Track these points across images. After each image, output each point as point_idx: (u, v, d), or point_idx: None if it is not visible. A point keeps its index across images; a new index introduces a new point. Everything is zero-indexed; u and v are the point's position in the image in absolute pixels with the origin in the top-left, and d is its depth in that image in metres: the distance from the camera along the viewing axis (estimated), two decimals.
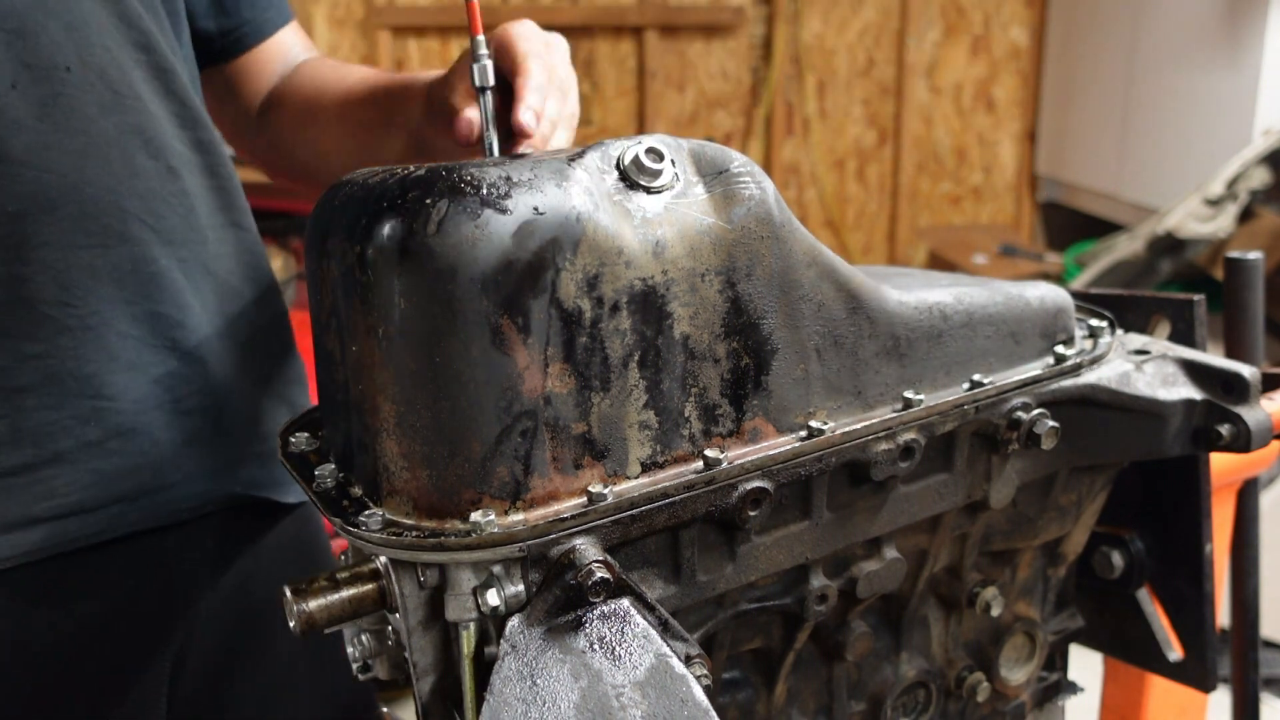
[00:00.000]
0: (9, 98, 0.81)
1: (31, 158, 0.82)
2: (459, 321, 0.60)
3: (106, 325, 0.87)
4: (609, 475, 0.67)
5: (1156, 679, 1.14)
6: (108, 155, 0.86)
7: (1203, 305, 1.00)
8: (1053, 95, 5.21)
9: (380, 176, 0.66)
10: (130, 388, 0.89)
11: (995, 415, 0.82)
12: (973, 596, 0.94)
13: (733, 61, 5.04)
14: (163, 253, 0.90)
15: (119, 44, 0.88)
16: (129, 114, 0.88)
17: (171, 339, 0.91)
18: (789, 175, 5.22)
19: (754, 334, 0.70)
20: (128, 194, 0.87)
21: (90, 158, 0.85)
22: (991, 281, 0.89)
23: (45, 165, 0.83)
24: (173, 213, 0.91)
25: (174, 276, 0.91)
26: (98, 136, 0.86)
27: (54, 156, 0.83)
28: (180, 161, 0.92)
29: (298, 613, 0.64)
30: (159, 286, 0.90)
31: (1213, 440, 0.88)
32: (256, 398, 1.00)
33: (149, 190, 0.89)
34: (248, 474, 0.99)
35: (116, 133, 0.87)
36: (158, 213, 0.90)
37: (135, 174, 0.88)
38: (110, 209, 0.86)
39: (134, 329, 0.89)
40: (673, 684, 0.60)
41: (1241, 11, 3.82)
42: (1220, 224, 3.30)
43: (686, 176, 0.69)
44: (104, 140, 0.86)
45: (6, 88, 0.81)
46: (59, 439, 0.86)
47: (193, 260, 0.93)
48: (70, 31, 0.84)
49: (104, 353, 0.87)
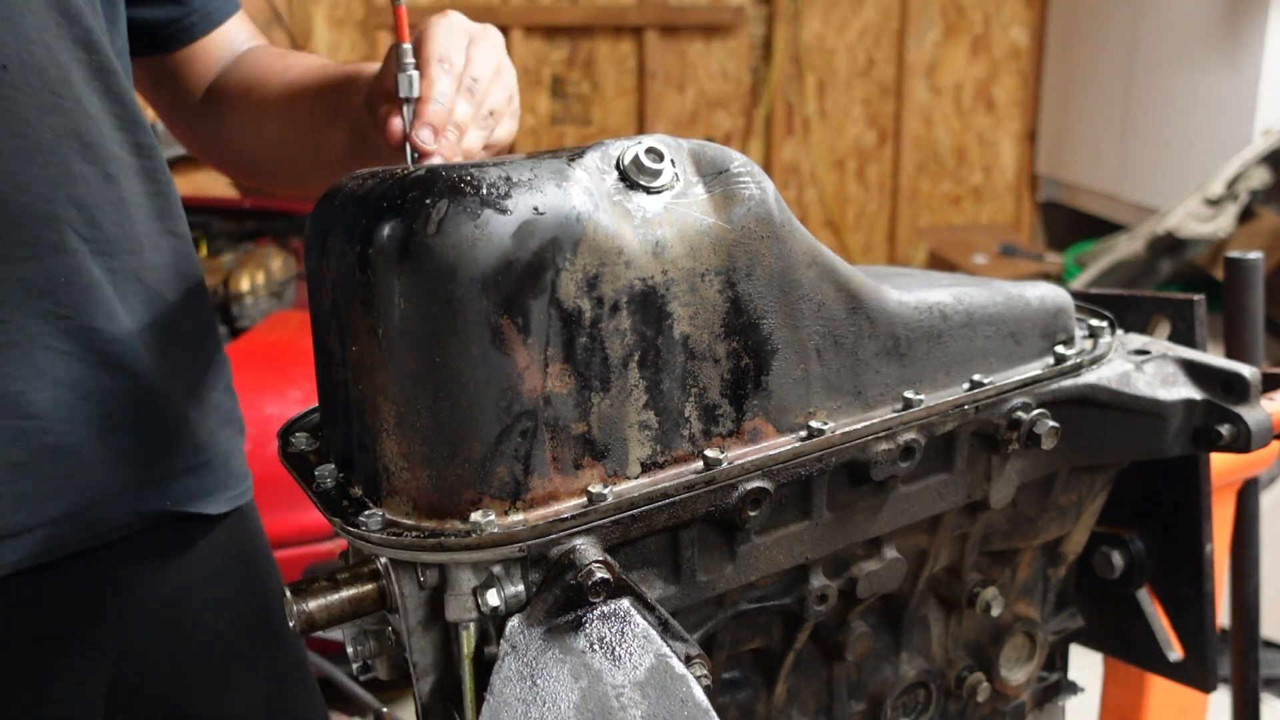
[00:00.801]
0: None
1: None
2: (459, 321, 0.60)
3: (34, 340, 0.83)
4: (609, 475, 0.67)
5: (1156, 679, 1.14)
6: (44, 160, 0.82)
7: (1203, 305, 1.00)
8: (1053, 95, 5.21)
9: (380, 177, 0.66)
10: (58, 405, 0.85)
11: (995, 415, 0.82)
12: (973, 596, 0.94)
13: (733, 61, 5.04)
14: (97, 263, 0.86)
15: (59, 41, 0.83)
16: (67, 116, 0.83)
17: (102, 353, 0.87)
18: (789, 175, 5.22)
19: (754, 334, 0.70)
20: (63, 201, 0.84)
21: (25, 162, 0.81)
22: (991, 281, 0.89)
23: None
24: (109, 220, 0.87)
25: (105, 288, 0.87)
26: (34, 140, 0.81)
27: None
28: (118, 167, 0.88)
29: (298, 613, 0.64)
30: (91, 299, 0.86)
31: (1213, 440, 0.88)
32: (186, 409, 0.97)
33: (85, 197, 0.85)
34: (179, 487, 0.96)
35: (54, 136, 0.83)
36: (94, 221, 0.86)
37: (72, 180, 0.84)
38: (45, 218, 0.82)
39: (63, 343, 0.85)
40: (673, 684, 0.60)
41: (1241, 11, 3.82)
42: (1220, 224, 3.30)
43: (686, 176, 0.69)
44: (40, 144, 0.82)
45: None
46: None
47: (125, 270, 0.89)
48: (9, 26, 0.79)
49: (31, 369, 0.83)
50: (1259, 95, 3.75)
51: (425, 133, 0.82)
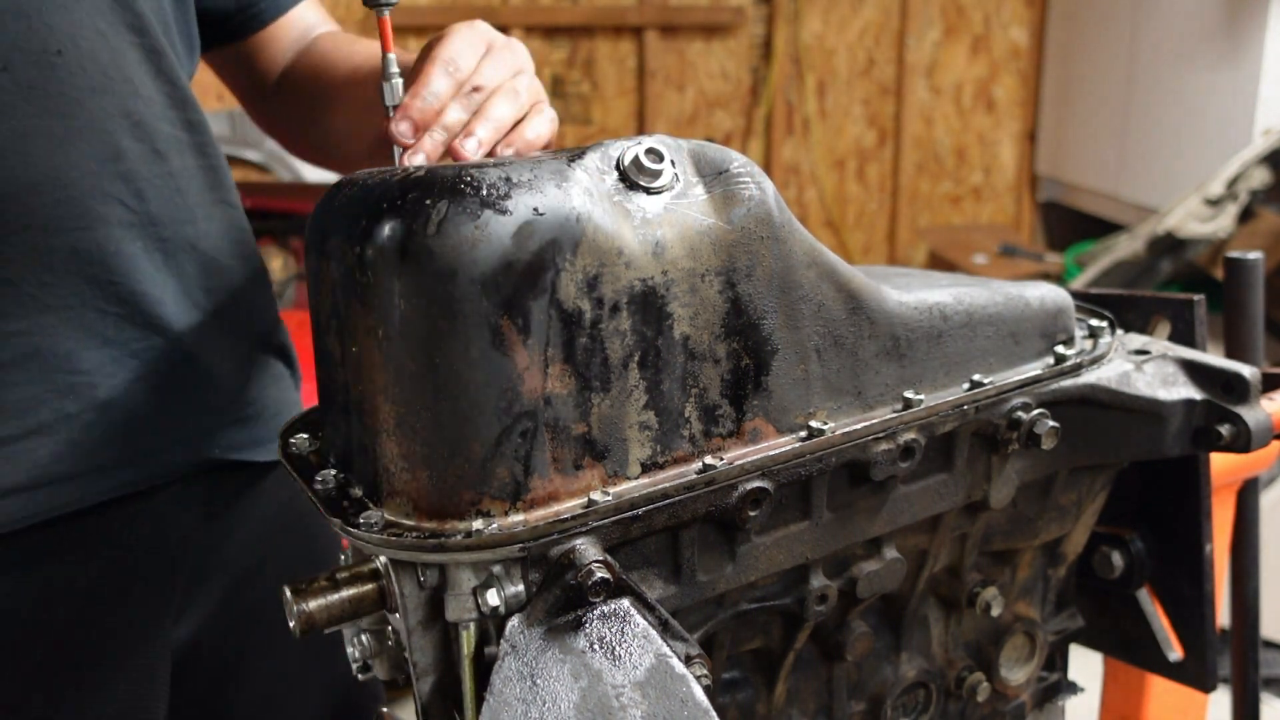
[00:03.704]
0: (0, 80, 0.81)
1: (17, 142, 0.83)
2: (459, 322, 0.60)
3: (85, 304, 0.89)
4: (609, 476, 0.67)
5: (1156, 679, 1.14)
6: (93, 139, 0.87)
7: (1203, 305, 1.00)
8: (1053, 95, 5.21)
9: (380, 177, 0.66)
10: (105, 363, 0.91)
11: (995, 415, 0.82)
12: (973, 596, 0.94)
13: (733, 61, 5.04)
14: (145, 233, 0.91)
15: (112, 25, 0.87)
16: (118, 96, 0.88)
17: (150, 314, 0.92)
18: (789, 175, 5.22)
19: (754, 334, 0.70)
20: (111, 177, 0.88)
21: (76, 142, 0.85)
22: (991, 282, 0.89)
23: (31, 149, 0.83)
24: (157, 194, 0.92)
25: (155, 255, 0.92)
26: (84, 120, 0.86)
27: (40, 140, 0.84)
28: (168, 143, 0.93)
29: (298, 613, 0.64)
30: (138, 266, 0.91)
31: (1213, 440, 0.88)
32: (235, 366, 1.02)
33: (133, 172, 0.90)
34: (225, 437, 1.01)
35: (104, 115, 0.87)
36: (142, 194, 0.91)
37: (119, 157, 0.89)
38: (93, 192, 0.87)
39: (113, 306, 0.90)
40: (673, 684, 0.60)
41: (1241, 11, 3.82)
42: (1220, 224, 3.30)
43: (686, 177, 0.69)
44: (91, 123, 0.86)
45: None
46: (39, 412, 0.88)
47: (177, 239, 0.94)
48: (64, 13, 0.84)
49: (82, 329, 0.89)
50: (1259, 95, 3.75)
51: (404, 126, 0.81)
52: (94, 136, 0.87)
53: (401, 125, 0.80)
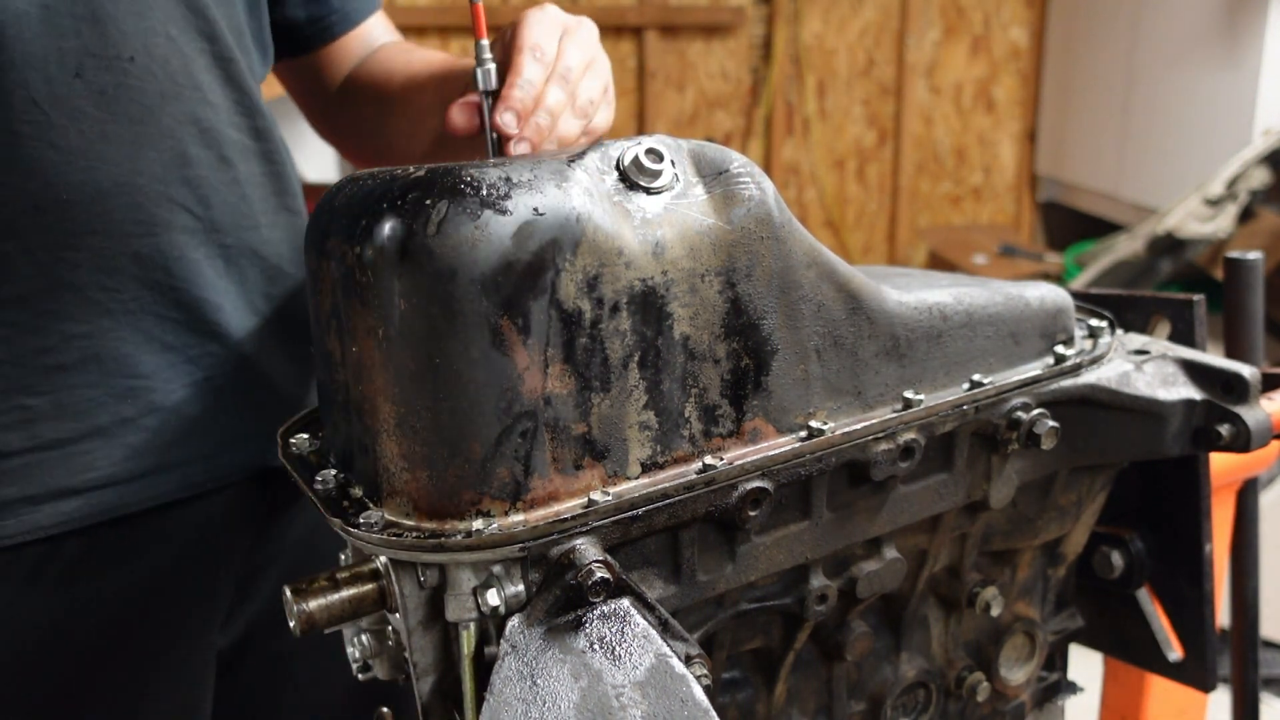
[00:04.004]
0: (73, 86, 0.82)
1: (88, 147, 0.83)
2: (459, 322, 0.60)
3: (146, 309, 0.90)
4: (609, 476, 0.67)
5: (1156, 679, 1.14)
6: (162, 145, 0.88)
7: (1203, 305, 1.00)
8: (1053, 95, 5.21)
9: (380, 177, 0.66)
10: (164, 367, 0.92)
11: (995, 415, 0.82)
12: (973, 596, 0.94)
13: (733, 61, 5.04)
14: (209, 239, 0.93)
15: (183, 33, 0.89)
16: (187, 103, 0.89)
17: (209, 321, 0.94)
18: (789, 175, 5.22)
19: (754, 334, 0.70)
20: (178, 183, 0.89)
21: (144, 148, 0.87)
22: (991, 282, 0.89)
23: (100, 155, 0.84)
24: (222, 201, 0.93)
25: (216, 262, 0.93)
26: (153, 126, 0.87)
27: (110, 146, 0.85)
28: (235, 150, 0.94)
29: (298, 613, 0.64)
30: (200, 272, 0.92)
31: (1213, 440, 0.88)
32: (297, 373, 1.03)
33: (200, 179, 0.91)
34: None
35: (173, 122, 0.88)
36: (207, 201, 0.92)
37: (188, 163, 0.90)
38: (159, 199, 0.88)
39: (173, 312, 0.91)
40: (673, 684, 0.60)
41: (1241, 11, 3.82)
42: (1220, 224, 3.30)
43: (686, 177, 0.69)
44: (160, 129, 0.87)
45: (71, 76, 0.82)
46: (97, 415, 0.89)
47: (240, 245, 0.95)
48: (137, 20, 0.85)
49: (142, 334, 0.90)
50: (1259, 95, 3.75)
51: (508, 116, 0.82)
52: (163, 143, 0.88)
53: (505, 116, 0.82)
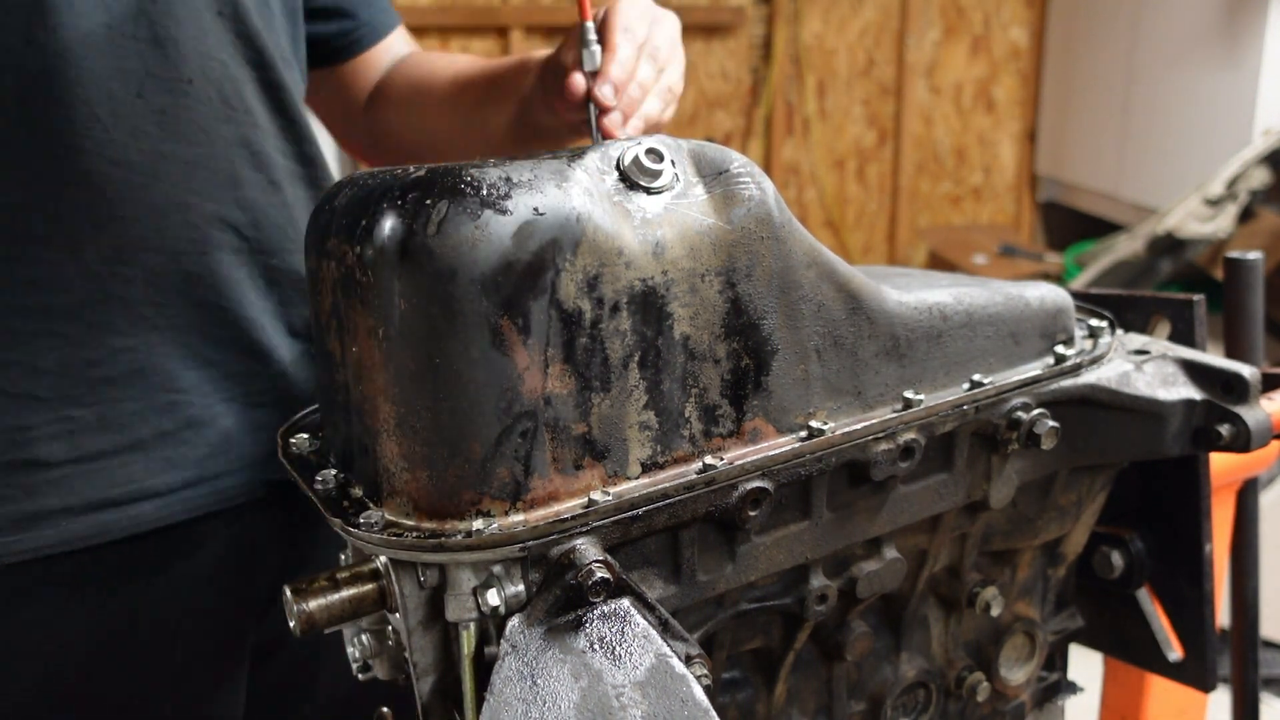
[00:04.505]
0: (134, 105, 0.85)
1: (147, 164, 0.86)
2: (459, 322, 0.60)
3: (191, 325, 0.92)
4: (609, 476, 0.67)
5: (1156, 679, 1.14)
6: (217, 166, 0.91)
7: (1203, 305, 1.00)
8: (1053, 95, 5.21)
9: (380, 177, 0.66)
10: (203, 382, 0.94)
11: (995, 415, 0.82)
12: (973, 596, 0.94)
13: (733, 61, 5.04)
14: (257, 260, 0.95)
15: (235, 59, 0.92)
16: (239, 126, 0.92)
17: (251, 340, 0.96)
18: (789, 175, 5.22)
19: (754, 334, 0.71)
20: (230, 204, 0.92)
21: (199, 168, 0.89)
22: (991, 281, 0.89)
23: (158, 173, 0.87)
24: (271, 223, 0.96)
25: (260, 283, 0.96)
26: (208, 148, 0.90)
27: (167, 164, 0.87)
28: (283, 174, 0.97)
29: (298, 613, 0.64)
30: (244, 292, 0.95)
31: (1213, 440, 0.88)
32: None
33: (251, 201, 0.94)
34: None
35: (226, 145, 0.91)
36: (257, 223, 0.94)
37: (240, 185, 0.93)
38: (211, 218, 0.91)
39: (216, 329, 0.94)
40: (673, 684, 0.60)
41: (1241, 11, 3.82)
42: (1220, 224, 3.30)
43: (686, 177, 0.69)
44: (214, 151, 0.90)
45: (133, 95, 0.85)
46: (138, 428, 0.91)
47: (284, 267, 0.98)
48: (195, 44, 0.88)
49: (184, 349, 0.92)
50: (1259, 95, 3.75)
51: (607, 89, 0.92)
52: (217, 164, 0.91)
53: (605, 89, 0.92)
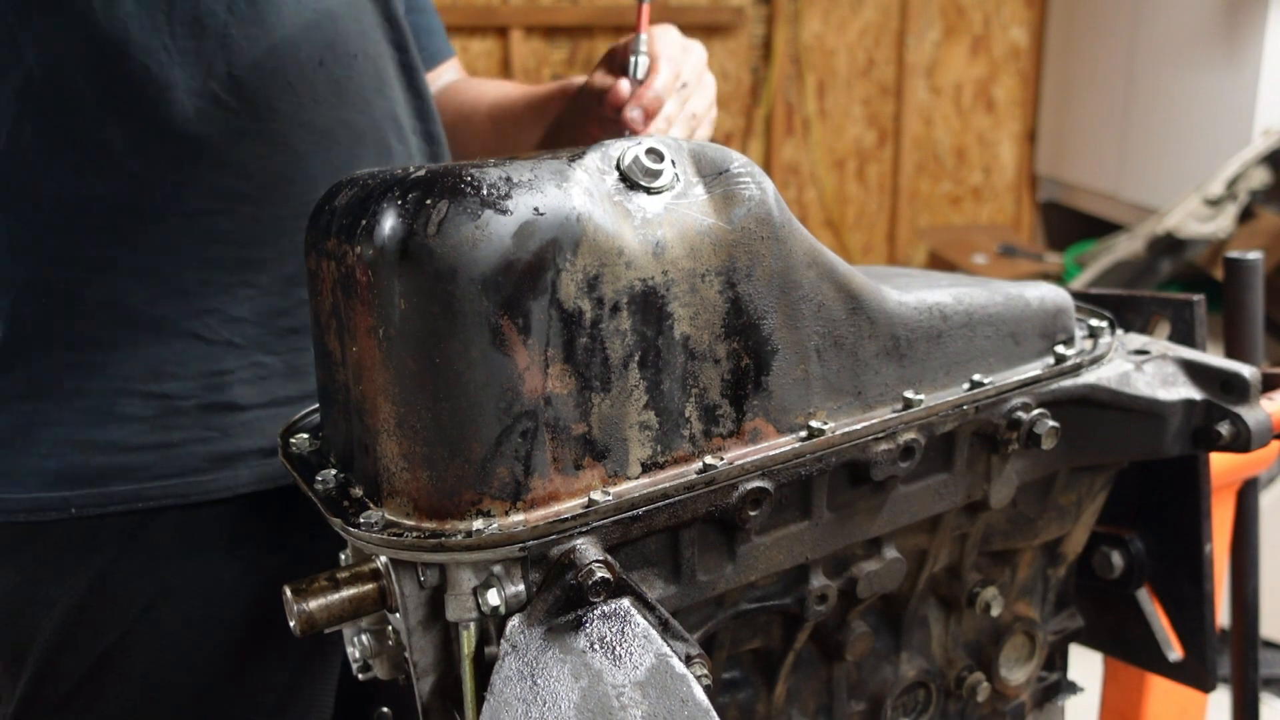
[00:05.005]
0: (317, 74, 0.90)
1: (328, 130, 0.92)
2: (459, 322, 0.60)
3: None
4: (609, 476, 0.67)
5: (1156, 679, 1.14)
6: (376, 136, 0.97)
7: (1203, 305, 1.00)
8: (1053, 95, 5.21)
9: (380, 177, 0.66)
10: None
11: (995, 415, 0.82)
12: (973, 596, 0.94)
13: (733, 61, 5.03)
14: None
15: (383, 39, 0.99)
16: (389, 102, 0.99)
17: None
18: (789, 175, 5.22)
19: (754, 334, 0.71)
20: None
21: (364, 135, 0.96)
22: (991, 281, 0.89)
23: (337, 137, 0.92)
24: None
25: None
26: (369, 119, 0.96)
27: (343, 132, 0.93)
28: (415, 149, 1.03)
29: (298, 612, 0.64)
30: None
31: (1213, 440, 0.88)
32: None
33: None
34: None
35: (380, 117, 0.98)
36: None
37: (389, 155, 0.99)
38: None
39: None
40: (673, 684, 0.60)
41: (1241, 11, 3.82)
42: (1220, 224, 3.30)
43: (687, 177, 0.69)
44: (373, 123, 0.97)
45: (315, 65, 0.90)
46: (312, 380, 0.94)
47: None
48: (355, 25, 0.95)
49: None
50: (1259, 95, 3.75)
51: (636, 113, 0.98)
52: (375, 135, 0.97)
53: (634, 112, 0.98)
